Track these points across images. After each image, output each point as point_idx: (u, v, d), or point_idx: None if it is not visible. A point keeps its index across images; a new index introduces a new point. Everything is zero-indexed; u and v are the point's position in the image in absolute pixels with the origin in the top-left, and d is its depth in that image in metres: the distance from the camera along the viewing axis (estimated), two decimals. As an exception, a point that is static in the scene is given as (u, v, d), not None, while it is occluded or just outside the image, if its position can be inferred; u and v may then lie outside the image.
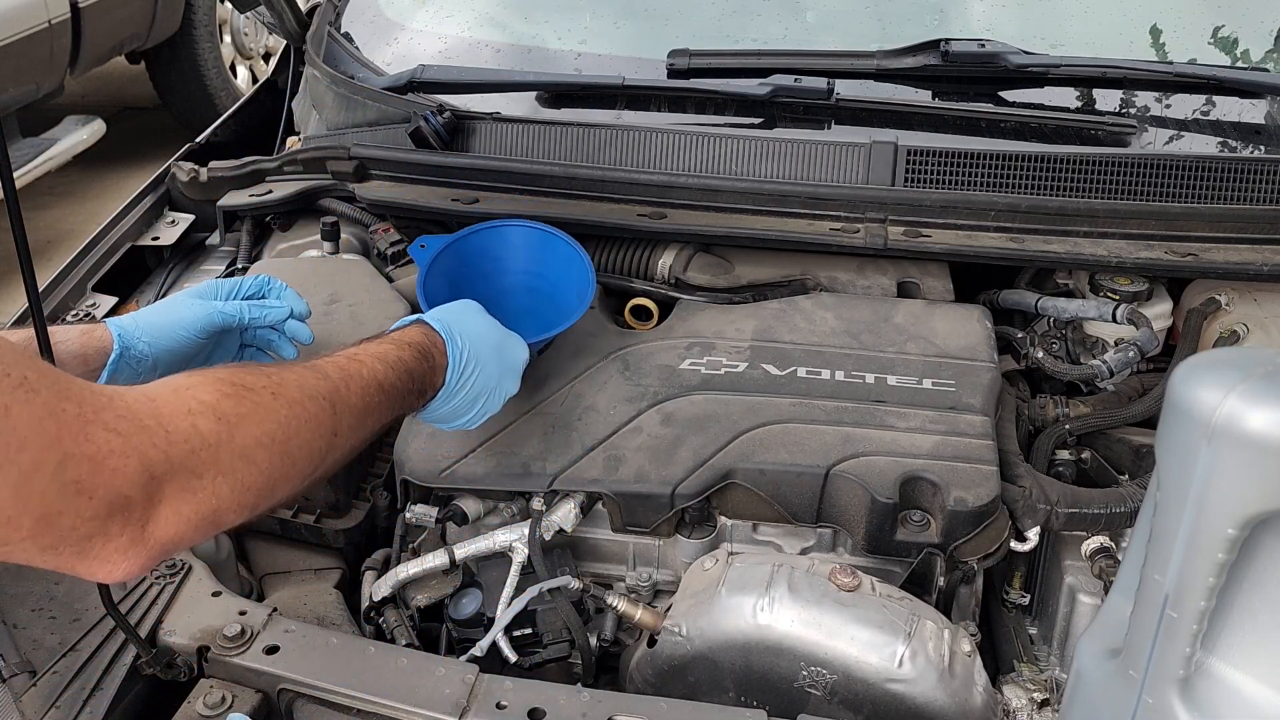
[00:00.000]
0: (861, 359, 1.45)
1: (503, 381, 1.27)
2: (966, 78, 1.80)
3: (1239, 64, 1.89)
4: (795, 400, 1.38)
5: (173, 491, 0.85)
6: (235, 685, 1.12)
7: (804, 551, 1.34)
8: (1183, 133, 1.78)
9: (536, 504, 1.32)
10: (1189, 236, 1.58)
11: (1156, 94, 1.81)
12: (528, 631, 1.29)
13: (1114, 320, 1.56)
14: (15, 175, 0.99)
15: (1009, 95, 1.82)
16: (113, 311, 1.74)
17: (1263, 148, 1.76)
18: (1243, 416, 0.77)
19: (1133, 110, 1.80)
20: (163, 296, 1.82)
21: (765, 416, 1.36)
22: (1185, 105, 1.80)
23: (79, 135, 4.39)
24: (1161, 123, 1.79)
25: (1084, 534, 1.38)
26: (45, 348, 0.96)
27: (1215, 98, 1.79)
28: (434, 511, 1.35)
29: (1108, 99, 1.83)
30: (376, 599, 1.32)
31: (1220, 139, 1.78)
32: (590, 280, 1.46)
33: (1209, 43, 1.92)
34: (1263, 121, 1.79)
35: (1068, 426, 1.51)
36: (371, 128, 1.86)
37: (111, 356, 1.25)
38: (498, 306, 1.49)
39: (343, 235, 1.77)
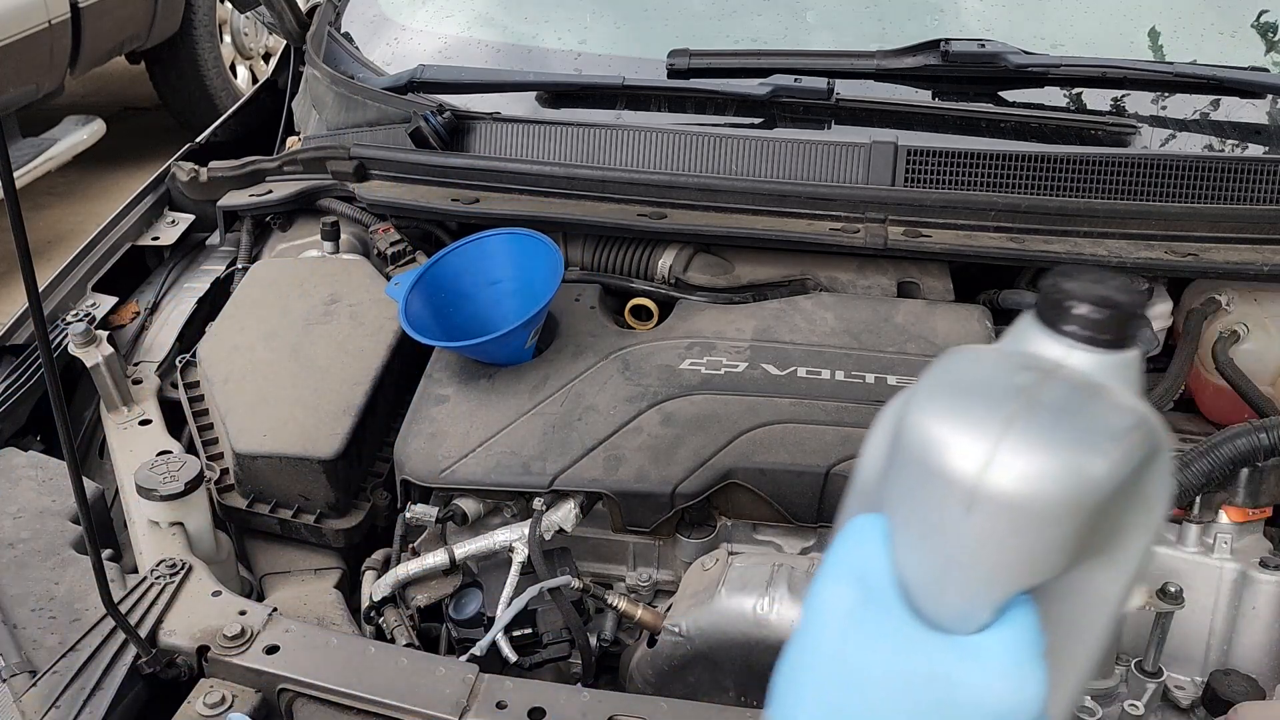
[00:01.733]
0: (861, 359, 1.45)
1: None
2: (966, 78, 1.80)
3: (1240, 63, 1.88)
4: (795, 400, 1.38)
5: None
6: (235, 685, 1.12)
7: (804, 551, 1.34)
8: (1183, 133, 1.78)
9: (536, 504, 1.32)
10: (1189, 236, 1.58)
11: (1156, 94, 1.81)
12: (528, 631, 1.29)
13: (1114, 320, 1.55)
14: (15, 175, 0.99)
15: (1009, 95, 1.82)
16: (112, 311, 1.75)
17: (1263, 148, 1.76)
18: (1019, 474, 0.58)
19: (1133, 110, 1.80)
20: (163, 296, 1.83)
21: (765, 416, 1.36)
22: (1185, 105, 1.80)
23: (79, 135, 4.39)
24: (1161, 123, 1.79)
25: (1084, 534, 1.38)
26: (45, 348, 0.96)
27: (1215, 98, 1.79)
28: (434, 511, 1.35)
29: (1108, 99, 1.83)
30: (376, 599, 1.32)
31: (1220, 139, 1.78)
32: (557, 257, 1.47)
33: (1208, 41, 1.91)
34: (1263, 121, 1.79)
35: (1068, 426, 1.51)
36: (371, 128, 1.86)
37: None
38: (491, 321, 1.50)
39: (343, 235, 1.77)
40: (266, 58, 5.56)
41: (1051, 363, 0.66)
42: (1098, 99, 1.83)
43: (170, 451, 1.43)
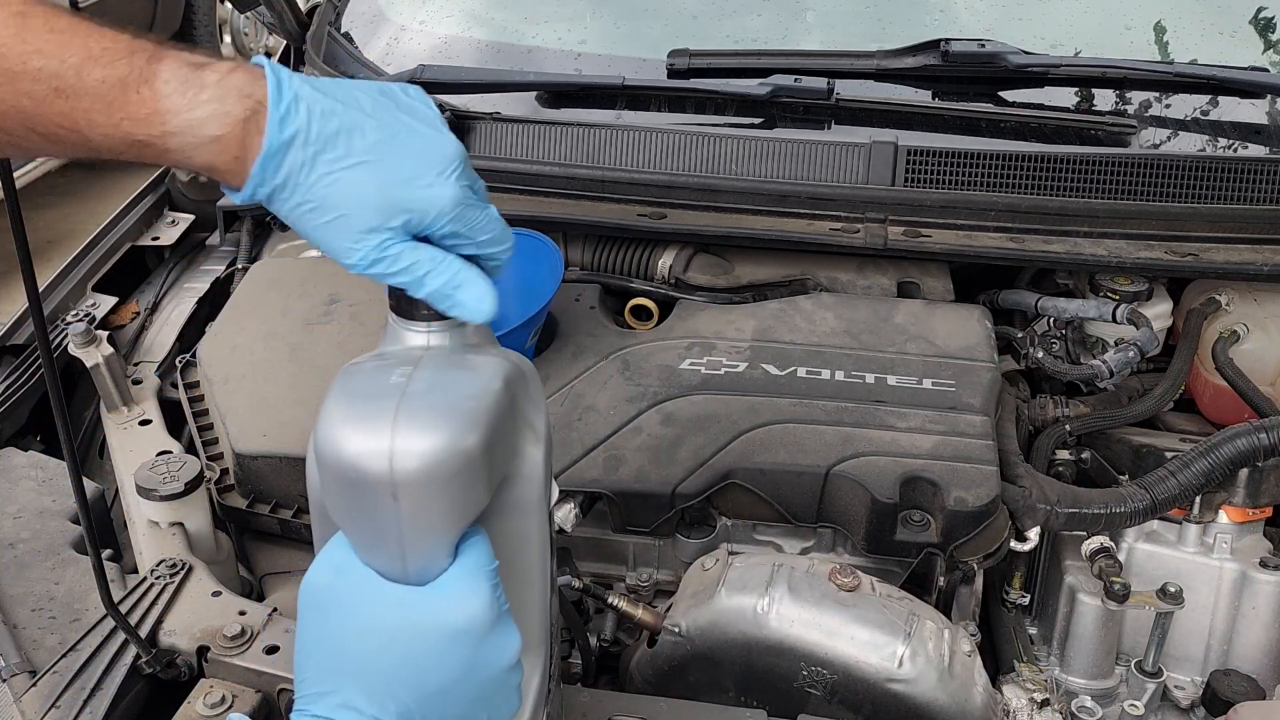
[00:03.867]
0: (861, 359, 1.45)
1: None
2: (966, 78, 1.80)
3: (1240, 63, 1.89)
4: (795, 400, 1.38)
5: None
6: (235, 685, 1.12)
7: (804, 551, 1.34)
8: (1183, 132, 1.78)
9: (536, 504, 1.32)
10: (1189, 236, 1.58)
11: (1156, 94, 1.81)
12: (528, 631, 1.29)
13: (1114, 320, 1.56)
14: (15, 175, 0.98)
15: (1009, 95, 1.82)
16: (112, 311, 1.75)
17: (1263, 148, 1.76)
18: (417, 456, 0.71)
19: (1133, 110, 1.80)
20: (163, 296, 1.83)
21: (765, 416, 1.36)
22: (1185, 105, 1.80)
23: (79, 135, 4.38)
24: (1161, 122, 1.79)
25: (1084, 534, 1.38)
26: (45, 348, 0.96)
27: (1215, 97, 1.79)
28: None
29: (1108, 99, 1.83)
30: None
31: (1220, 139, 1.78)
32: (557, 257, 1.47)
33: (1208, 41, 1.91)
34: (1263, 121, 1.79)
35: (1068, 426, 1.51)
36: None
37: None
38: (490, 321, 1.49)
39: (343, 235, 1.77)
40: (267, 57, 5.56)
41: (419, 351, 0.83)
42: (1098, 99, 1.83)
43: (170, 452, 1.43)
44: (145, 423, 1.53)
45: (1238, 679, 1.34)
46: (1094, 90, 1.83)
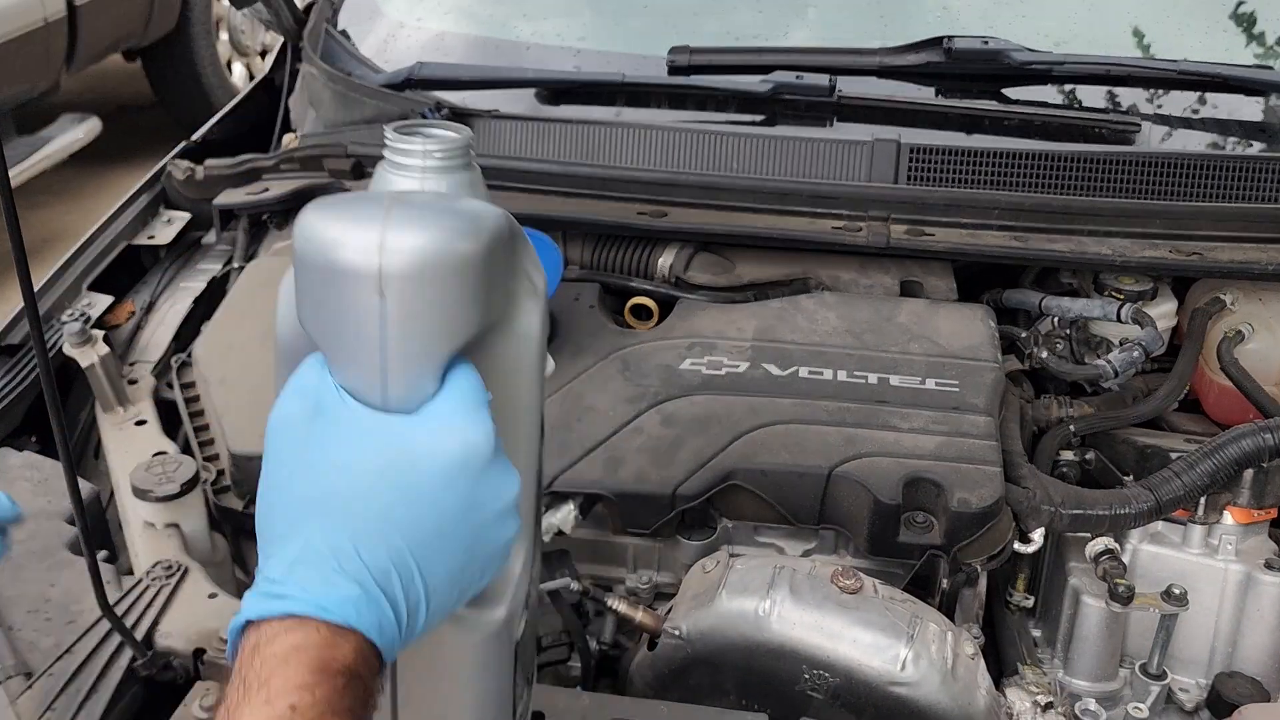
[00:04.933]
0: (864, 359, 1.45)
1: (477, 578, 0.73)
2: (970, 75, 1.79)
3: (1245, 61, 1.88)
4: (797, 401, 1.37)
5: None
6: (232, 689, 1.11)
7: (806, 553, 1.33)
8: (1187, 130, 1.77)
9: (536, 505, 1.31)
10: (1194, 235, 1.57)
11: (1161, 91, 1.80)
12: (527, 634, 1.28)
13: (1118, 320, 1.55)
14: (11, 173, 0.98)
15: (1012, 93, 1.81)
16: (108, 311, 1.74)
17: (1268, 146, 1.75)
18: (409, 249, 0.66)
19: (1137, 108, 1.80)
20: (159, 296, 1.82)
21: (767, 417, 1.35)
22: (1190, 103, 1.79)
23: (75, 133, 4.38)
24: (1166, 121, 1.78)
25: (1088, 535, 1.38)
26: (40, 348, 0.95)
27: (1220, 95, 1.79)
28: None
29: (1112, 96, 1.82)
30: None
31: (1225, 137, 1.77)
32: (557, 256, 1.46)
33: (1213, 38, 1.91)
34: (1268, 119, 1.78)
35: (1072, 427, 1.50)
36: (369, 125, 1.85)
37: None
38: None
39: (340, 234, 1.76)
40: (263, 55, 5.55)
41: (411, 190, 0.77)
42: (1102, 96, 1.82)
43: (166, 452, 1.42)
44: (141, 423, 1.52)
45: (1242, 681, 1.34)
46: (1098, 88, 1.82)
